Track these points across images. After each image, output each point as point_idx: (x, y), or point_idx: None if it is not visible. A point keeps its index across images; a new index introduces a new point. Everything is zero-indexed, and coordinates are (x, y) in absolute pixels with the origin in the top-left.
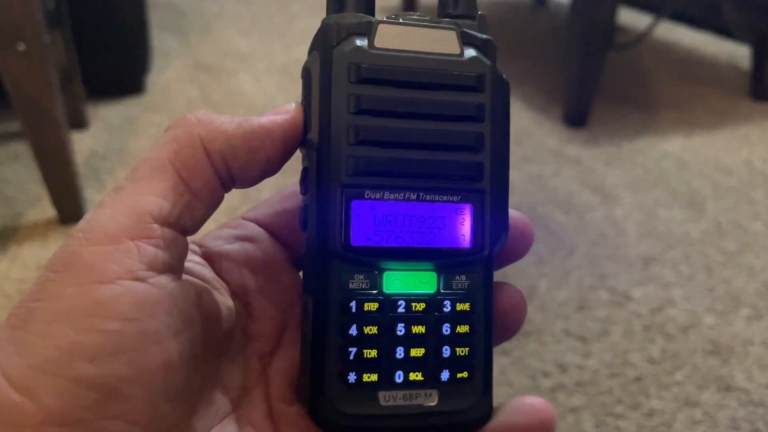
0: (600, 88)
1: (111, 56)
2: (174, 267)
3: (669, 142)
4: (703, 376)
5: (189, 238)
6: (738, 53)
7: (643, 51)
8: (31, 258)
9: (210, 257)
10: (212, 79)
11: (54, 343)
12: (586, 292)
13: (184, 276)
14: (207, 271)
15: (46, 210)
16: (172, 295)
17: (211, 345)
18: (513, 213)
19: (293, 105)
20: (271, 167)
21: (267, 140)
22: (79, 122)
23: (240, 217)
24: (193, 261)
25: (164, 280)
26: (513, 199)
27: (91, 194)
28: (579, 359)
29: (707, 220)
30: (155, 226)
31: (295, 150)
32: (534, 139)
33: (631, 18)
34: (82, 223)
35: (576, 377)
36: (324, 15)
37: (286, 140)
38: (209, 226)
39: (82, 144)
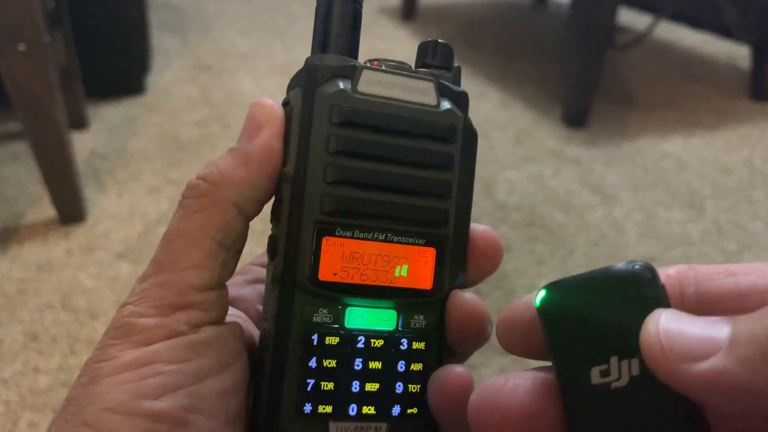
0: (600, 88)
1: (111, 56)
2: (218, 318)
3: (669, 142)
4: None
5: None
6: (738, 53)
7: (643, 51)
8: (31, 258)
9: (230, 302)
10: (212, 79)
11: (122, 389)
12: None
13: (231, 311)
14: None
15: (46, 210)
16: (219, 334)
17: None
18: (478, 227)
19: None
20: (268, 195)
21: (260, 167)
22: (79, 122)
23: (249, 264)
24: None
25: (210, 328)
26: (514, 198)
27: (91, 194)
28: None
29: (707, 220)
30: (199, 295)
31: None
32: (534, 139)
33: (631, 18)
34: (132, 297)
35: None
36: None
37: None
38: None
39: (82, 144)
